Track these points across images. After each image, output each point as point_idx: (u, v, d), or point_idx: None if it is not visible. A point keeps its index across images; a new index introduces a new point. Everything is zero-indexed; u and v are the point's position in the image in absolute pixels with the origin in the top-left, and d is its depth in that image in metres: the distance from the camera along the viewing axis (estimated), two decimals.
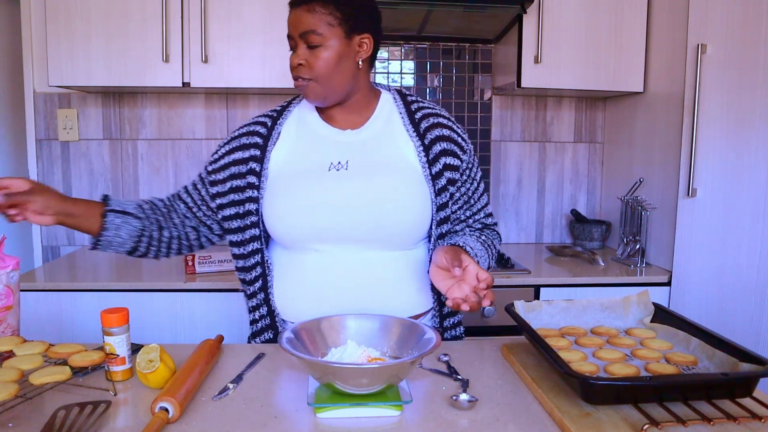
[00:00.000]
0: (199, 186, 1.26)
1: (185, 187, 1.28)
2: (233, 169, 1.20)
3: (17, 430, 0.81)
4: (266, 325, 1.21)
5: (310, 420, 0.84)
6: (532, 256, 2.36)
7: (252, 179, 1.18)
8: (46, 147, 2.35)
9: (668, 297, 2.01)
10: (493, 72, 2.50)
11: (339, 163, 1.17)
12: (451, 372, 1.01)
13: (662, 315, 1.12)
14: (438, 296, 1.23)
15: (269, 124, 1.22)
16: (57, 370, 0.88)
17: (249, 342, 1.25)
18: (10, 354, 0.96)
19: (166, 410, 0.82)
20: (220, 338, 1.13)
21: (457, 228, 1.26)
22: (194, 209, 1.26)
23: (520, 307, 1.14)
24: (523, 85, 2.16)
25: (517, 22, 2.16)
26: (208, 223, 1.27)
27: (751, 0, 1.88)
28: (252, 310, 1.23)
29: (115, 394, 0.92)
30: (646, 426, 0.78)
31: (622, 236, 2.23)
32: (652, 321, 1.12)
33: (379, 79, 2.47)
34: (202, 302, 1.86)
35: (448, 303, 1.00)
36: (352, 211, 1.13)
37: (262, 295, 1.20)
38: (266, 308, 1.20)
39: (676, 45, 1.99)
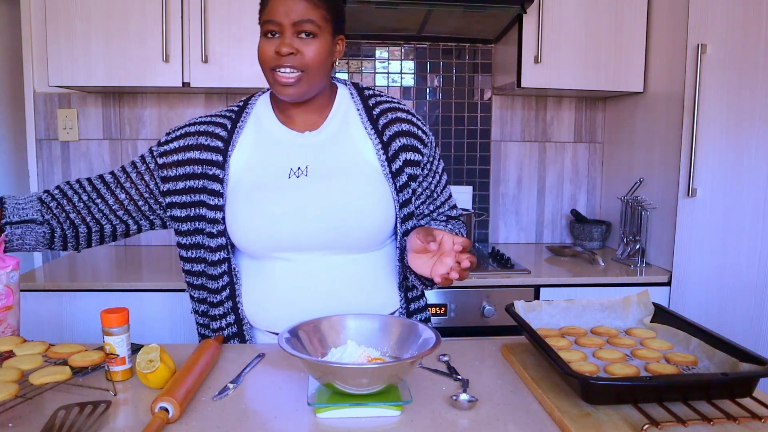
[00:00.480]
0: (147, 178, 1.18)
1: (124, 175, 1.19)
2: (188, 169, 1.15)
3: (17, 430, 0.81)
4: (233, 333, 1.17)
5: (310, 420, 0.84)
6: (532, 256, 2.36)
7: (215, 186, 1.13)
8: (46, 147, 2.35)
9: (668, 297, 2.01)
10: (493, 72, 2.50)
11: (299, 168, 1.14)
12: (451, 372, 1.01)
13: (662, 315, 1.12)
14: (405, 293, 1.22)
15: (229, 126, 1.17)
16: (57, 370, 0.88)
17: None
18: (10, 354, 0.95)
19: (166, 410, 0.82)
20: (220, 338, 1.13)
21: (422, 222, 1.25)
22: (139, 202, 1.18)
23: (520, 307, 1.14)
24: (523, 85, 2.16)
25: (517, 22, 2.16)
26: (152, 218, 1.21)
27: (751, 0, 1.88)
28: (218, 317, 1.18)
29: (115, 394, 0.92)
30: (646, 426, 0.78)
31: (622, 236, 2.23)
32: (652, 321, 1.12)
33: (379, 79, 2.47)
34: None
35: (437, 280, 1.00)
36: (314, 220, 1.11)
37: (229, 304, 1.16)
38: (234, 317, 1.17)
39: (676, 45, 1.99)
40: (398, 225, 1.17)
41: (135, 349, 1.02)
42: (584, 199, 2.62)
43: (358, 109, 1.20)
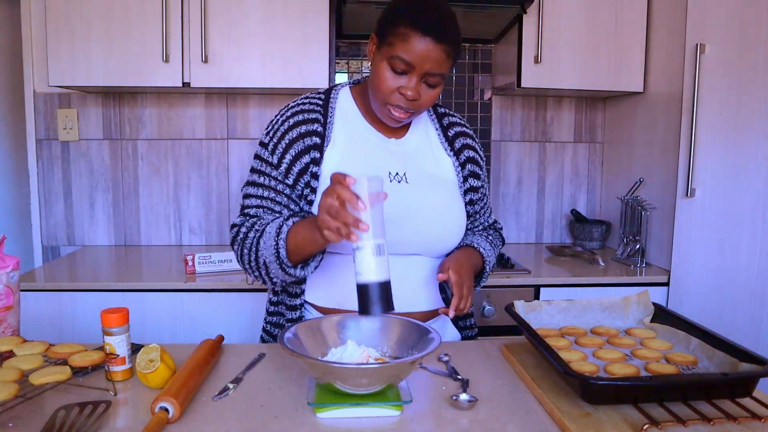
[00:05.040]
0: (280, 188, 1.16)
1: (269, 190, 1.16)
2: (297, 166, 1.14)
3: (17, 430, 0.81)
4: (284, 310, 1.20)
5: (310, 420, 0.84)
6: (532, 256, 2.36)
7: (314, 183, 1.13)
8: (46, 147, 2.35)
9: (667, 297, 2.01)
10: (493, 72, 2.50)
11: (397, 174, 1.17)
12: (451, 372, 1.01)
13: (662, 315, 1.12)
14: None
15: (322, 120, 1.17)
16: (57, 370, 0.88)
17: (264, 330, 1.26)
18: (10, 354, 0.96)
19: (166, 410, 0.82)
20: (220, 338, 1.13)
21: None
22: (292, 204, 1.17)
23: (520, 307, 1.14)
24: (523, 85, 2.16)
25: (517, 22, 2.16)
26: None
27: (751, 0, 1.88)
28: (293, 309, 1.19)
29: (115, 394, 0.92)
30: (646, 426, 0.78)
31: (622, 236, 2.23)
32: (652, 321, 1.12)
33: None
34: (202, 302, 1.86)
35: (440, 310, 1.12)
36: (411, 224, 1.14)
37: (302, 299, 1.18)
38: (303, 312, 1.18)
39: (676, 45, 1.99)
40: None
41: (135, 349, 1.02)
42: (584, 199, 2.62)
43: (437, 128, 1.27)
